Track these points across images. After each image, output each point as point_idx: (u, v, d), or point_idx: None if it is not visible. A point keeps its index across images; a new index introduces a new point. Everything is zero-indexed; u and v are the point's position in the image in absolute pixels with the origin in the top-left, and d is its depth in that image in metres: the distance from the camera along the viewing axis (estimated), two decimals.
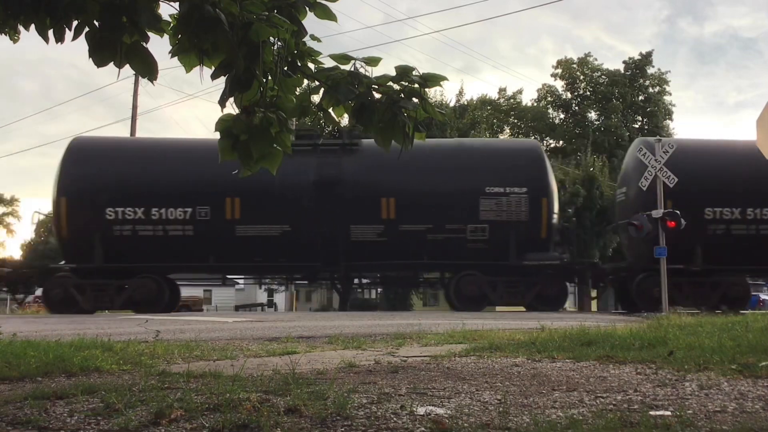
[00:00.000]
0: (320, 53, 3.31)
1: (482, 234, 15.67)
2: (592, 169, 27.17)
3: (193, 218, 15.65)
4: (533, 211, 15.76)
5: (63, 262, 16.47)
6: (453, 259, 15.87)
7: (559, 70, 40.52)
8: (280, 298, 38.53)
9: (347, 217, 15.75)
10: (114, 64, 2.99)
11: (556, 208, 16.52)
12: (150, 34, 3.03)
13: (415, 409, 2.91)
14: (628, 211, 15.66)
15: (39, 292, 18.08)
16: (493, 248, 15.64)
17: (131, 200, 15.61)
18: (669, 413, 2.80)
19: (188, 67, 3.15)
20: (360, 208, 15.79)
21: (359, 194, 15.83)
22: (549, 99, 41.01)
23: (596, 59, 40.64)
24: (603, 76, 39.83)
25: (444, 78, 3.26)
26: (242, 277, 22.85)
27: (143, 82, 22.11)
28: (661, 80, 39.33)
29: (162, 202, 15.60)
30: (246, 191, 15.30)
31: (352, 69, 3.24)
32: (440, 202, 15.67)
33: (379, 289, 28.23)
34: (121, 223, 15.60)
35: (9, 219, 51.17)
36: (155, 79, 3.09)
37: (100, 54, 2.97)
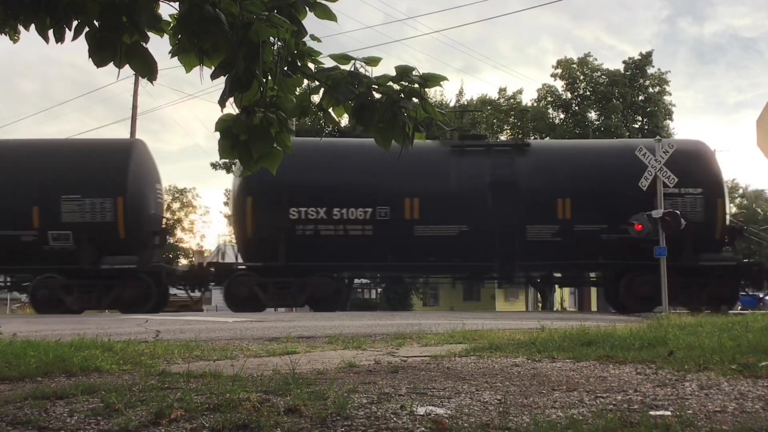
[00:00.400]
0: (320, 53, 3.31)
1: (655, 235, 15.79)
2: None
3: (372, 218, 15.90)
4: (708, 211, 15.91)
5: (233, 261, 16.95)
6: (626, 259, 15.89)
7: (559, 70, 40.47)
8: None
9: (523, 217, 16.01)
10: (114, 64, 2.99)
11: (728, 208, 16.76)
12: (150, 34, 3.03)
13: (415, 409, 2.91)
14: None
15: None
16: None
17: (314, 200, 15.90)
18: (669, 413, 2.80)
19: (188, 67, 3.15)
20: (536, 209, 16.05)
21: (534, 195, 16.09)
22: (549, 99, 40.98)
23: (596, 59, 40.60)
24: (603, 76, 39.78)
25: (444, 78, 3.26)
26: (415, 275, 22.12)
27: (143, 82, 22.14)
28: (661, 80, 39.29)
29: (344, 203, 15.83)
30: (425, 192, 15.75)
31: (352, 69, 3.24)
32: (614, 202, 15.75)
33: (379, 289, 28.22)
34: (303, 222, 15.87)
35: None
36: (155, 79, 3.09)
37: (100, 54, 2.97)
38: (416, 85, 3.23)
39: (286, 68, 3.24)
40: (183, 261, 39.74)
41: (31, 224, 15.44)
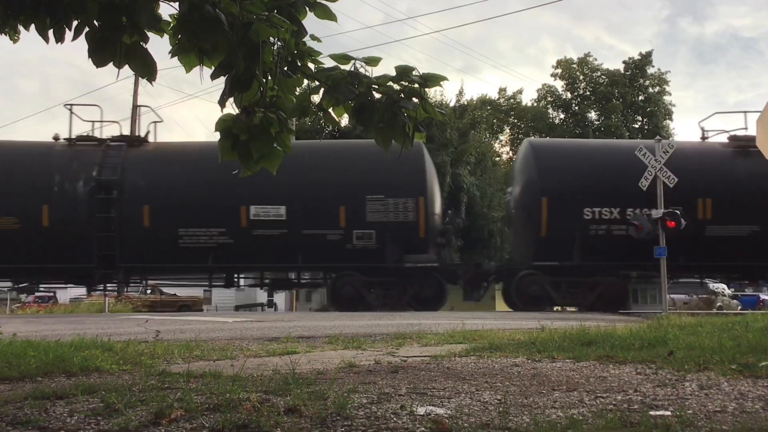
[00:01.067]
0: (320, 53, 3.31)
1: None
2: None
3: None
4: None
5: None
6: None
7: (559, 70, 40.50)
8: (280, 298, 38.48)
9: None
10: (114, 64, 2.99)
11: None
12: (150, 34, 3.03)
13: (415, 409, 2.91)
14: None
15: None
16: None
17: (607, 201, 15.93)
18: (669, 413, 2.80)
19: (188, 67, 3.15)
20: None
21: None
22: (549, 99, 41.01)
23: (596, 59, 40.65)
24: (603, 76, 39.82)
25: (444, 78, 3.26)
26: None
27: (143, 82, 22.15)
28: (661, 80, 39.32)
29: (636, 203, 15.65)
30: (717, 192, 15.74)
31: (352, 69, 3.24)
32: None
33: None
34: (597, 222, 15.92)
35: None
36: (155, 79, 3.09)
37: (100, 54, 2.97)
38: (416, 85, 3.23)
39: (286, 68, 3.24)
40: None
41: (338, 223, 15.64)
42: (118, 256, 15.53)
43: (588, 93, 40.06)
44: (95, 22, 2.95)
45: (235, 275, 17.55)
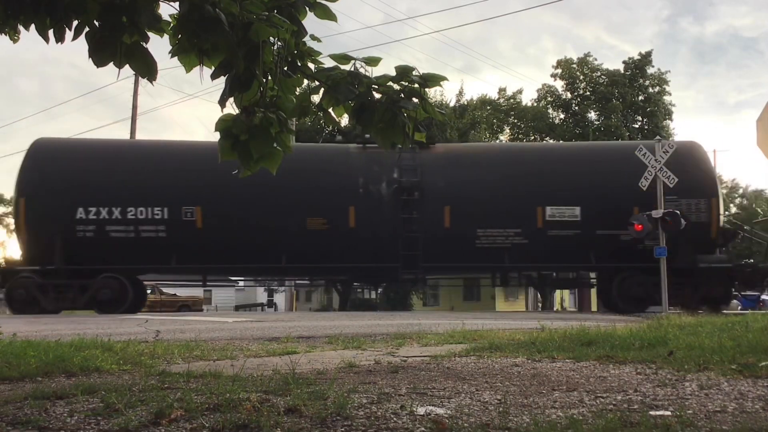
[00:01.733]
0: (320, 53, 3.32)
1: None
2: None
3: None
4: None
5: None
6: None
7: (559, 70, 40.50)
8: (280, 298, 38.52)
9: None
10: (114, 64, 2.99)
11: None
12: (150, 34, 3.03)
13: (415, 409, 2.91)
14: None
15: None
16: None
17: None
18: (669, 413, 2.80)
19: (188, 67, 3.15)
20: None
21: None
22: (549, 99, 41.00)
23: (596, 59, 40.65)
24: (603, 76, 39.82)
25: (444, 78, 3.26)
26: None
27: (143, 82, 22.15)
28: (660, 80, 39.32)
29: None
30: None
31: (352, 69, 3.24)
32: None
33: (379, 289, 28.26)
34: None
35: (9, 219, 51.27)
36: (155, 79, 3.09)
37: (100, 54, 2.97)
38: (416, 85, 3.23)
39: (286, 68, 3.24)
40: None
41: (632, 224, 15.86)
42: (420, 256, 15.78)
43: (588, 93, 40.06)
44: (95, 22, 2.96)
45: (521, 274, 18.11)
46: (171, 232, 15.53)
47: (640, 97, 39.22)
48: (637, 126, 39.00)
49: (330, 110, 3.37)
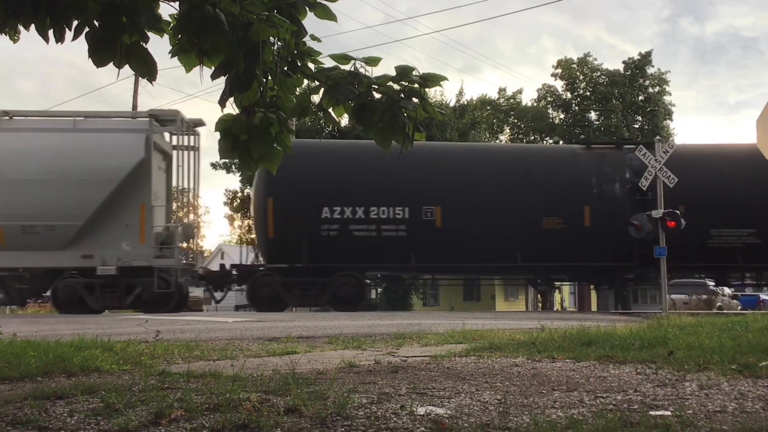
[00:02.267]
0: (320, 53, 3.32)
1: None
2: None
3: None
4: None
5: None
6: None
7: (559, 70, 40.48)
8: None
9: None
10: (114, 64, 2.99)
11: None
12: (150, 34, 3.03)
13: (415, 409, 2.91)
14: None
15: None
16: None
17: None
18: (669, 413, 2.80)
19: (188, 67, 3.15)
20: None
21: None
22: (549, 99, 40.99)
23: (596, 59, 40.64)
24: (603, 76, 39.81)
25: (444, 78, 3.26)
26: None
27: (143, 82, 22.15)
28: (660, 80, 39.30)
29: None
30: None
31: (352, 69, 3.24)
32: None
33: (379, 289, 28.23)
34: None
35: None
36: (155, 79, 3.09)
37: (100, 54, 2.97)
38: (416, 85, 3.23)
39: (286, 68, 3.24)
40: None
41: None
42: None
43: (588, 93, 40.05)
44: (95, 22, 2.96)
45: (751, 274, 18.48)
46: (411, 231, 15.77)
47: (640, 97, 39.21)
48: (637, 126, 39.00)
49: (330, 110, 3.37)
